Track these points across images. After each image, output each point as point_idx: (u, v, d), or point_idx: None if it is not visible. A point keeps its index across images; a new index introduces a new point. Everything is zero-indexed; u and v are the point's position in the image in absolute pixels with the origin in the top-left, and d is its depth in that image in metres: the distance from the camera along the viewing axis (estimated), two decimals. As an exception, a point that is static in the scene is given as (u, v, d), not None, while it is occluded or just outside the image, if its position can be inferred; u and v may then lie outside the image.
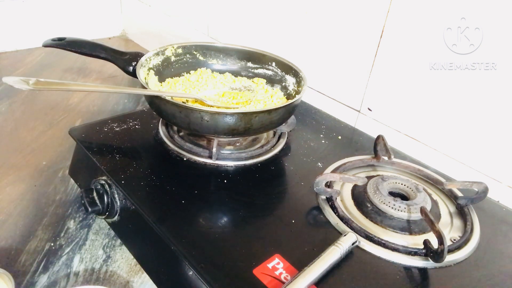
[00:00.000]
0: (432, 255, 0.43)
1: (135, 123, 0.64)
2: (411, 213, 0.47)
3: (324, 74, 0.76)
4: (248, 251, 0.43)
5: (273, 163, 0.59)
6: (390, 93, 0.66)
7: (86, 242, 0.55)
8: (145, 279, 0.50)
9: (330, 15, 0.71)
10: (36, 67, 1.06)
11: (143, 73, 0.60)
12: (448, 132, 0.61)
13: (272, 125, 0.56)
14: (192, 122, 0.52)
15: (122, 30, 1.34)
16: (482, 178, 0.58)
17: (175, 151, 0.58)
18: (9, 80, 0.47)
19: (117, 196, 0.52)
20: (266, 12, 0.83)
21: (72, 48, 0.64)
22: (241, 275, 0.40)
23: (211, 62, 0.71)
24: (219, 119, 0.51)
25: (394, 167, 0.59)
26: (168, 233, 0.44)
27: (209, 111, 0.51)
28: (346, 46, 0.70)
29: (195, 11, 1.02)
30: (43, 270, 0.50)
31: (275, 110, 0.54)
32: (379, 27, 0.64)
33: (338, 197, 0.51)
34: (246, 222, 0.48)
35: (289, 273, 0.40)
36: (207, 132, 0.54)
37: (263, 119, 0.53)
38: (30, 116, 0.84)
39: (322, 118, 0.74)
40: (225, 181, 0.53)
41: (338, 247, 0.42)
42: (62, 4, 1.17)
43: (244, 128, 0.52)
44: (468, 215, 0.50)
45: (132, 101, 0.92)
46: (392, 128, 0.68)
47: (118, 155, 0.56)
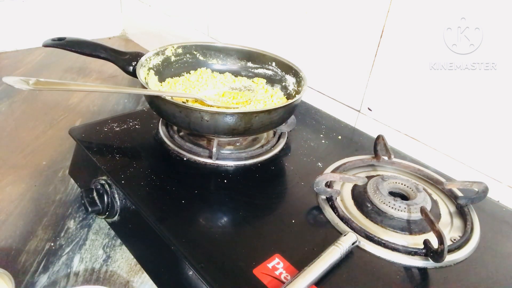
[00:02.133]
0: (432, 255, 0.43)
1: (135, 123, 0.64)
2: (411, 213, 0.47)
3: (324, 74, 0.76)
4: (248, 251, 0.43)
5: (273, 163, 0.59)
6: (390, 93, 0.66)
7: (86, 242, 0.55)
8: (145, 279, 0.50)
9: (330, 15, 0.71)
10: (36, 67, 1.06)
11: (143, 73, 0.60)
12: (448, 132, 0.61)
13: (272, 125, 0.56)
14: (192, 122, 0.52)
15: (122, 30, 1.34)
16: (482, 178, 0.58)
17: (175, 151, 0.58)
18: (9, 80, 0.47)
19: (117, 196, 0.52)
20: (266, 12, 0.83)
21: (72, 48, 0.64)
22: (241, 275, 0.40)
23: (211, 62, 0.71)
24: (219, 119, 0.51)
25: (394, 167, 0.59)
26: (168, 233, 0.44)
27: (209, 111, 0.51)
28: (346, 46, 0.70)
29: (195, 11, 1.02)
30: (43, 270, 0.50)
31: (275, 110, 0.54)
32: (379, 27, 0.64)
33: (338, 197, 0.51)
34: (246, 222, 0.48)
35: (289, 273, 0.40)
36: (207, 132, 0.54)
37: (263, 119, 0.53)
38: (30, 116, 0.84)
39: (322, 118, 0.74)
40: (225, 181, 0.53)
41: (338, 247, 0.42)
42: (62, 4, 1.17)
43: (244, 128, 0.52)
44: (468, 215, 0.50)
45: (132, 101, 0.92)
46: (392, 128, 0.68)
47: (118, 155, 0.56)
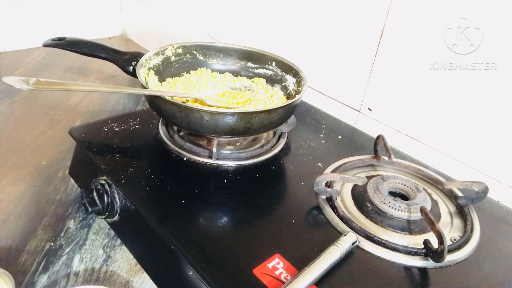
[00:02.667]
0: (432, 255, 0.43)
1: (135, 123, 0.64)
2: (411, 213, 0.47)
3: (324, 74, 0.76)
4: (248, 251, 0.43)
5: (273, 163, 0.59)
6: (390, 93, 0.66)
7: (86, 242, 0.55)
8: (145, 279, 0.50)
9: (330, 15, 0.71)
10: (36, 67, 1.06)
11: (143, 73, 0.60)
12: (448, 132, 0.61)
13: (272, 125, 0.56)
14: (192, 122, 0.52)
15: (122, 30, 1.34)
16: (482, 178, 0.58)
17: (175, 151, 0.58)
18: (9, 80, 0.47)
19: (117, 196, 0.52)
20: (266, 12, 0.83)
21: (72, 48, 0.64)
22: (241, 275, 0.40)
23: (211, 62, 0.71)
24: (219, 119, 0.51)
25: (394, 167, 0.59)
26: (168, 233, 0.44)
27: (209, 111, 0.51)
28: (346, 46, 0.70)
29: (195, 11, 1.02)
30: (43, 270, 0.50)
31: (275, 110, 0.54)
32: (379, 27, 0.64)
33: (338, 197, 0.51)
34: (246, 222, 0.48)
35: (289, 273, 0.40)
36: (207, 132, 0.54)
37: (263, 119, 0.53)
38: (30, 116, 0.84)
39: (322, 118, 0.74)
40: (225, 181, 0.53)
41: (338, 247, 0.42)
42: (62, 4, 1.17)
43: (244, 128, 0.52)
44: (468, 215, 0.50)
45: (132, 101, 0.92)
46: (392, 128, 0.68)
47: (118, 155, 0.56)
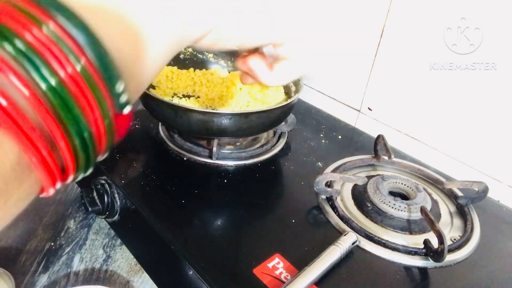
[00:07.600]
0: (432, 254, 0.43)
1: (135, 123, 0.64)
2: (411, 213, 0.47)
3: (324, 74, 0.76)
4: (248, 250, 0.43)
5: (273, 162, 0.59)
6: (390, 93, 0.66)
7: (86, 242, 0.55)
8: (145, 278, 0.50)
9: (330, 15, 0.71)
10: (36, 67, 1.06)
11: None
12: (448, 132, 0.61)
13: (270, 124, 0.56)
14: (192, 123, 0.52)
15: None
16: (482, 177, 0.58)
17: (175, 150, 0.58)
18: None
19: (117, 196, 0.52)
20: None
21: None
22: (241, 275, 0.40)
23: (214, 61, 0.72)
24: (217, 119, 0.51)
25: (394, 166, 0.59)
26: (168, 233, 0.44)
27: (206, 112, 0.51)
28: (346, 45, 0.70)
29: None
30: (43, 269, 0.50)
31: (272, 111, 0.54)
32: (379, 27, 0.64)
33: (338, 197, 0.51)
34: (246, 222, 0.48)
35: (289, 273, 0.40)
36: (205, 134, 0.54)
37: (262, 119, 0.53)
38: (30, 116, 0.84)
39: (322, 117, 0.74)
40: (225, 181, 0.53)
41: (338, 246, 0.42)
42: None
43: (243, 128, 0.52)
44: (468, 214, 0.50)
45: (132, 101, 0.92)
46: (392, 127, 0.68)
47: (118, 155, 0.56)
